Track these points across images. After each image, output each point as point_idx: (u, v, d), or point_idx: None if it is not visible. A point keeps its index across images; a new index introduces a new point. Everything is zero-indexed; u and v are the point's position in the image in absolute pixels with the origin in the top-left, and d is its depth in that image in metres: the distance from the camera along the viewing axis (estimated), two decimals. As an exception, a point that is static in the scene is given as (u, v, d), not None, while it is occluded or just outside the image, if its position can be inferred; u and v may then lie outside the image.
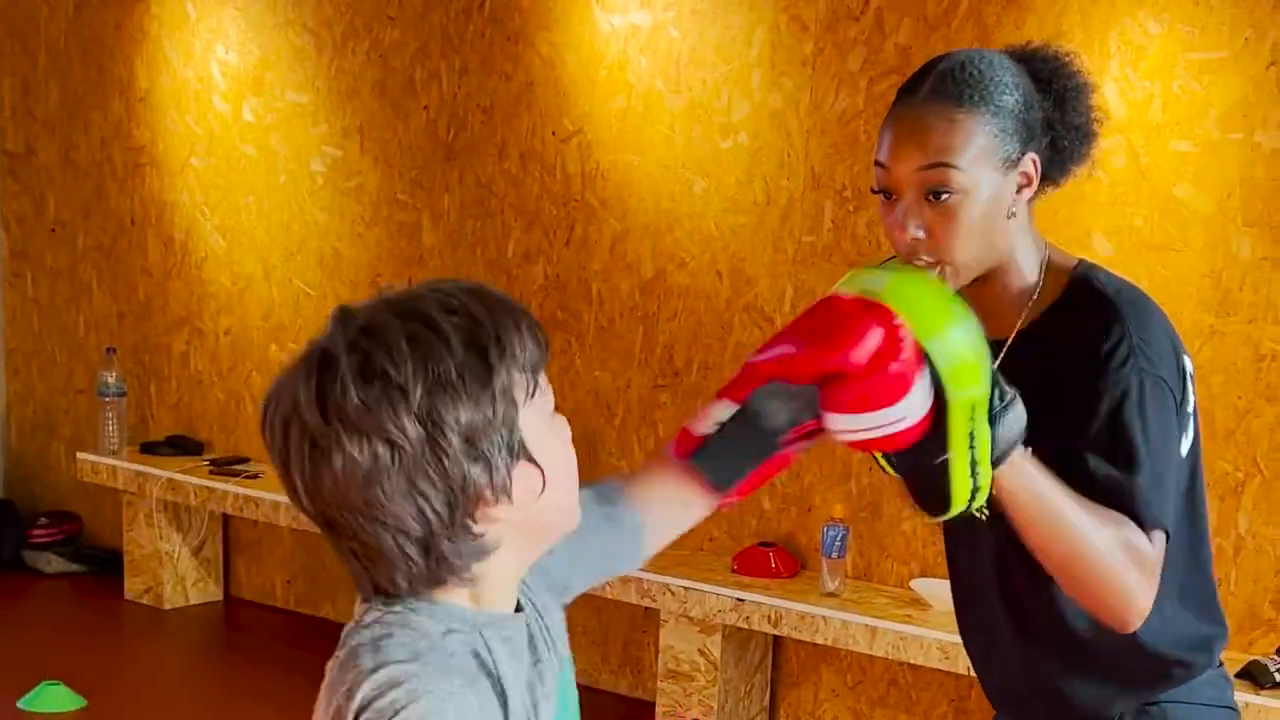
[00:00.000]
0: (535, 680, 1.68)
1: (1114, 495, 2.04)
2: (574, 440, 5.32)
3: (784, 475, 5.15)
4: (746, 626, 4.86)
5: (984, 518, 2.17)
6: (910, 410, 1.88)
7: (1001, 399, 1.93)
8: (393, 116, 5.99)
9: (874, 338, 1.85)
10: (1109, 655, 2.22)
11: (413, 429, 1.51)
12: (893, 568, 4.92)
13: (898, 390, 1.86)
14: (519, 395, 1.57)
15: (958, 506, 1.96)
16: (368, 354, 1.53)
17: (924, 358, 1.89)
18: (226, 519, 6.51)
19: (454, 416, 1.52)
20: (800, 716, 5.19)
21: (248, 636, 6.24)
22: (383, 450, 1.51)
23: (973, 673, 4.40)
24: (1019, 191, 2.16)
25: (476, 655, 1.60)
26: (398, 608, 1.60)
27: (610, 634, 5.60)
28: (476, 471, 1.54)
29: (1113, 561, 2.00)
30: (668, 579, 5.00)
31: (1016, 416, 1.95)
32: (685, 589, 4.95)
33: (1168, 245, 4.39)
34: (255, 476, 6.19)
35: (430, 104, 5.89)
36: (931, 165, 2.08)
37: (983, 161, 2.09)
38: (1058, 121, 2.17)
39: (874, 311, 1.87)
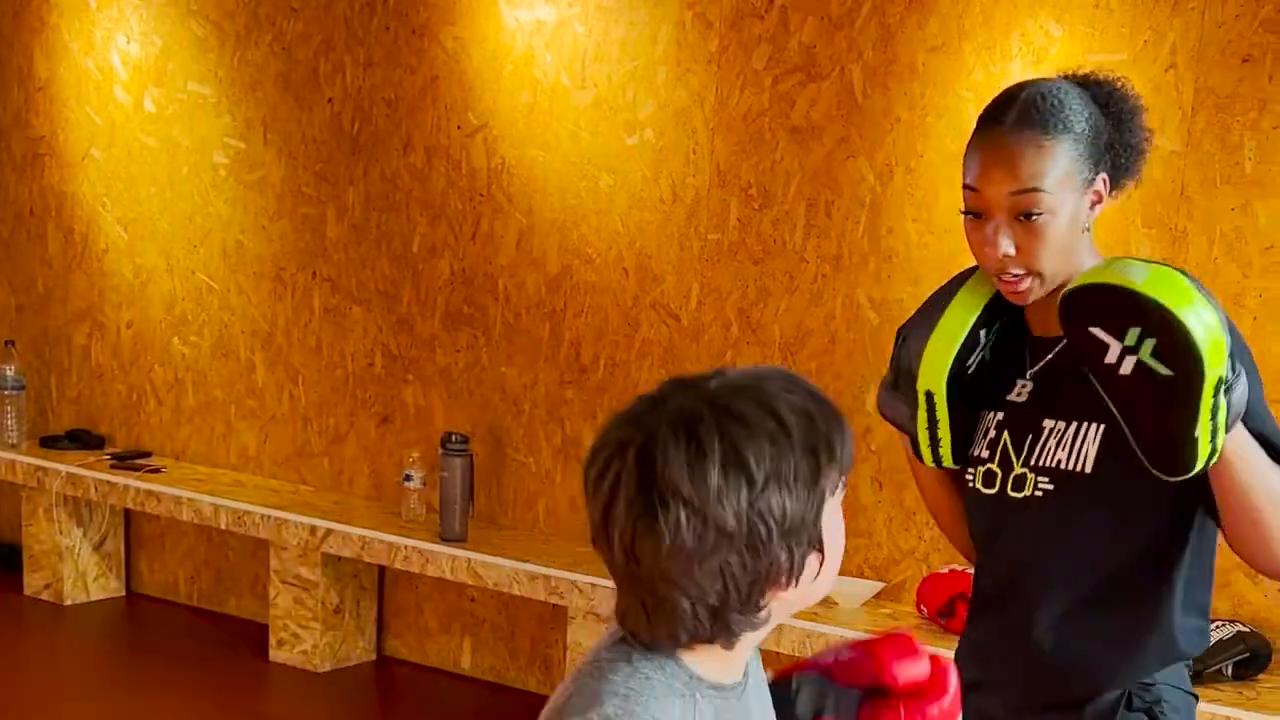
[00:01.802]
0: None
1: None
2: (480, 437, 5.33)
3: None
4: (653, 623, 4.87)
5: (1040, 495, 2.45)
6: None
7: (1234, 372, 2.20)
8: (296, 109, 5.93)
9: (920, 666, 1.94)
10: (1144, 633, 2.43)
11: (746, 517, 1.61)
12: (798, 565, 4.95)
13: None
14: (829, 493, 1.68)
15: (1197, 467, 2.23)
16: (736, 445, 1.61)
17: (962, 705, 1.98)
18: (128, 514, 6.44)
19: (781, 510, 1.63)
20: (707, 712, 5.21)
21: (150, 633, 6.18)
22: (712, 534, 1.61)
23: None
24: (1091, 208, 2.40)
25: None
26: (652, 665, 1.71)
27: (518, 631, 5.60)
28: (783, 559, 1.65)
29: None
30: (575, 576, 5.00)
31: (1243, 390, 2.21)
32: (593, 585, 4.95)
33: (1068, 246, 4.43)
34: (157, 471, 6.13)
35: (334, 97, 5.84)
36: (1023, 190, 2.32)
37: (1065, 184, 2.34)
38: (1117, 141, 2.41)
39: (935, 656, 1.96)
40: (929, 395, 2.49)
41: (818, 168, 4.85)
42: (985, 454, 2.52)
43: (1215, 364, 2.17)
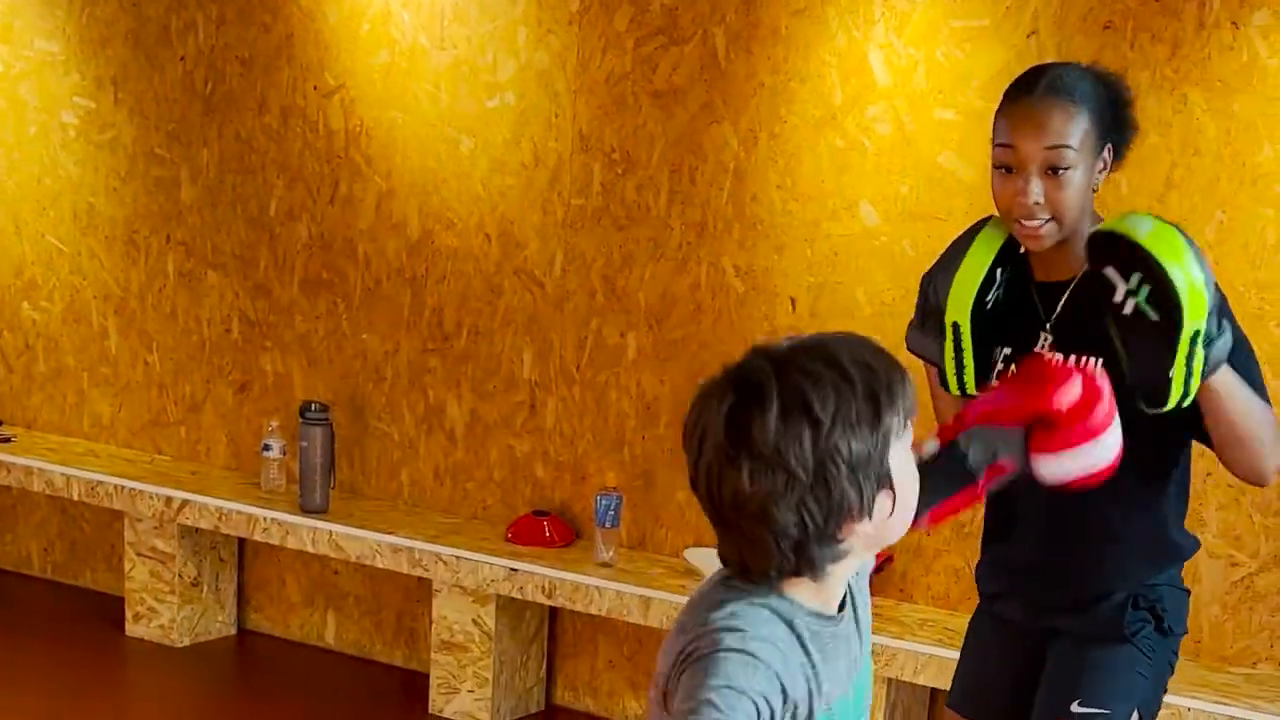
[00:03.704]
0: (842, 673, 1.99)
1: None
2: (341, 405, 5.22)
3: (557, 442, 5.09)
4: (520, 597, 4.80)
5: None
6: (1107, 452, 2.41)
7: (1219, 328, 2.59)
8: (148, 67, 5.75)
9: (1075, 387, 2.30)
10: (1147, 537, 2.85)
11: (812, 460, 1.82)
12: (667, 537, 4.90)
13: (1095, 433, 2.37)
14: (893, 434, 1.86)
15: (1169, 405, 2.62)
16: (800, 392, 1.82)
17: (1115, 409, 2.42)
18: (-21, 485, 6.25)
19: (847, 450, 1.83)
20: (578, 687, 5.15)
21: (2, 607, 6.00)
22: (782, 477, 1.81)
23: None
24: (1099, 172, 2.79)
25: (801, 643, 1.92)
26: (758, 597, 1.90)
27: (383, 604, 5.50)
28: (853, 495, 1.84)
29: (1269, 432, 2.72)
30: (439, 548, 4.91)
31: (1225, 342, 2.60)
32: (458, 558, 4.87)
33: (933, 214, 4.39)
34: (7, 440, 5.95)
35: (187, 55, 5.66)
36: (1054, 146, 2.71)
37: (1085, 146, 2.73)
38: (1113, 124, 2.79)
39: (1078, 367, 2.33)
40: (955, 326, 2.84)
41: (681, 132, 4.77)
42: None
43: (1195, 317, 2.55)
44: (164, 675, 5.37)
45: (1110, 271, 2.62)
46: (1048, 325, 2.84)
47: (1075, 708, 2.81)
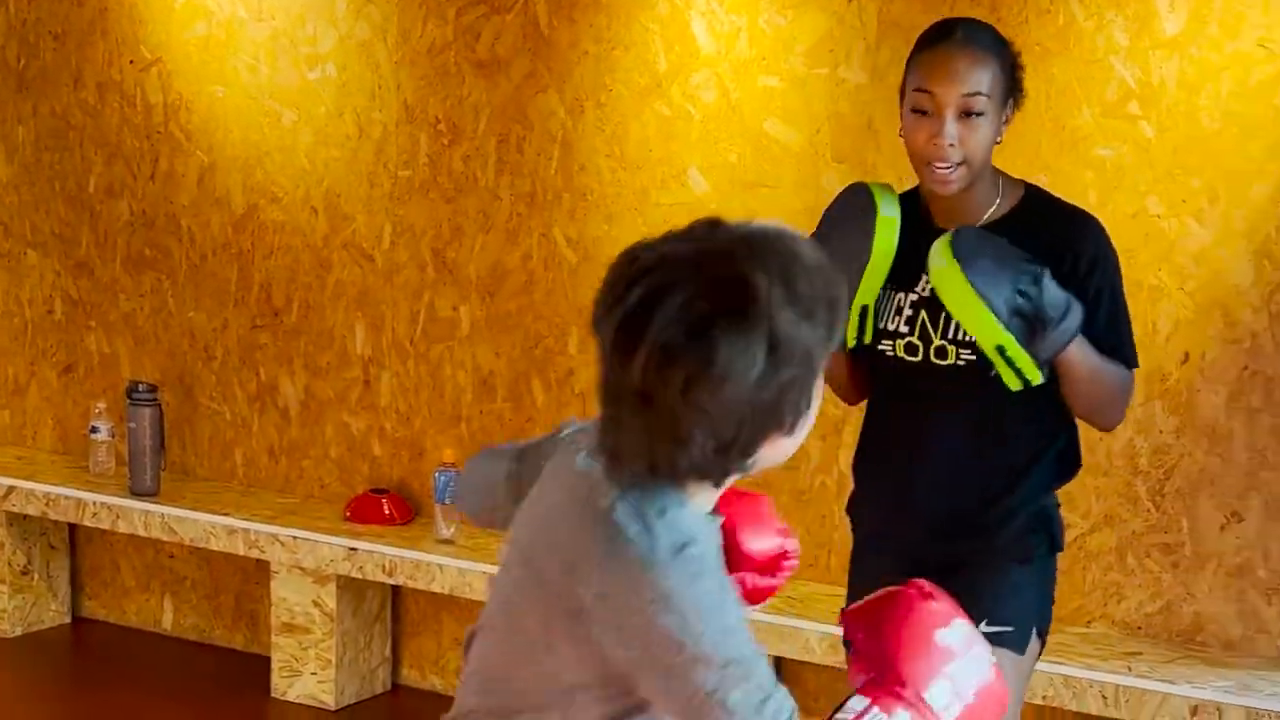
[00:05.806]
0: None
1: (1116, 352, 2.93)
2: (170, 385, 5.09)
3: (393, 418, 5.04)
4: (361, 576, 4.75)
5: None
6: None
7: (1063, 314, 2.77)
8: (-46, 42, 5.57)
9: (769, 542, 2.24)
10: (1050, 460, 3.03)
11: (801, 355, 1.74)
12: (507, 511, 4.86)
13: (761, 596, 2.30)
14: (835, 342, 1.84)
15: (1017, 388, 2.84)
16: (793, 282, 1.74)
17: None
18: None
19: (818, 351, 1.78)
20: (424, 666, 5.11)
21: None
22: (767, 371, 1.72)
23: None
24: (1003, 123, 2.93)
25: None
26: (665, 496, 1.81)
27: (221, 587, 5.41)
28: (801, 403, 1.79)
29: (1120, 396, 2.97)
30: (277, 529, 4.85)
31: (1068, 328, 2.78)
32: (295, 539, 4.81)
33: (761, 182, 4.39)
34: None
35: (-5, 29, 5.50)
36: (970, 93, 2.84)
37: (995, 94, 2.88)
38: (1014, 81, 2.94)
39: (784, 532, 2.29)
40: (864, 309, 2.97)
41: (506, 102, 4.71)
42: (905, 329, 2.97)
43: (988, 340, 2.78)
44: (-3, 668, 5.26)
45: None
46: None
47: (984, 627, 2.80)
